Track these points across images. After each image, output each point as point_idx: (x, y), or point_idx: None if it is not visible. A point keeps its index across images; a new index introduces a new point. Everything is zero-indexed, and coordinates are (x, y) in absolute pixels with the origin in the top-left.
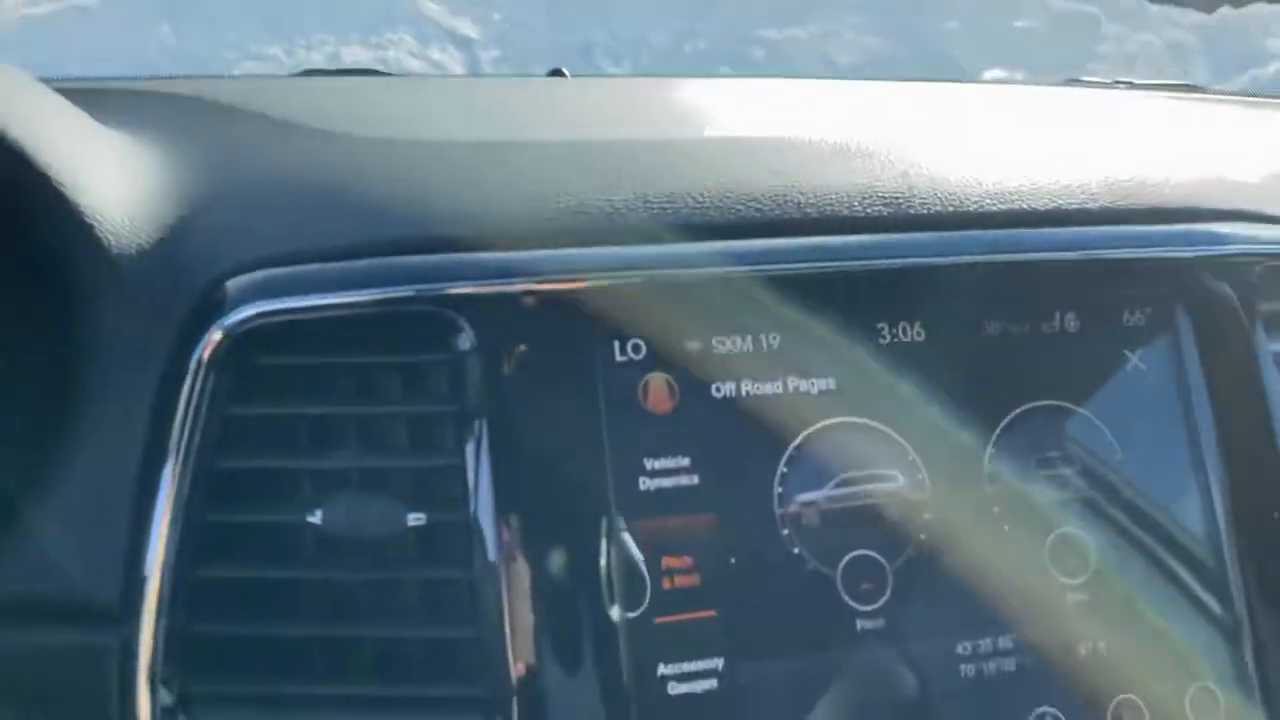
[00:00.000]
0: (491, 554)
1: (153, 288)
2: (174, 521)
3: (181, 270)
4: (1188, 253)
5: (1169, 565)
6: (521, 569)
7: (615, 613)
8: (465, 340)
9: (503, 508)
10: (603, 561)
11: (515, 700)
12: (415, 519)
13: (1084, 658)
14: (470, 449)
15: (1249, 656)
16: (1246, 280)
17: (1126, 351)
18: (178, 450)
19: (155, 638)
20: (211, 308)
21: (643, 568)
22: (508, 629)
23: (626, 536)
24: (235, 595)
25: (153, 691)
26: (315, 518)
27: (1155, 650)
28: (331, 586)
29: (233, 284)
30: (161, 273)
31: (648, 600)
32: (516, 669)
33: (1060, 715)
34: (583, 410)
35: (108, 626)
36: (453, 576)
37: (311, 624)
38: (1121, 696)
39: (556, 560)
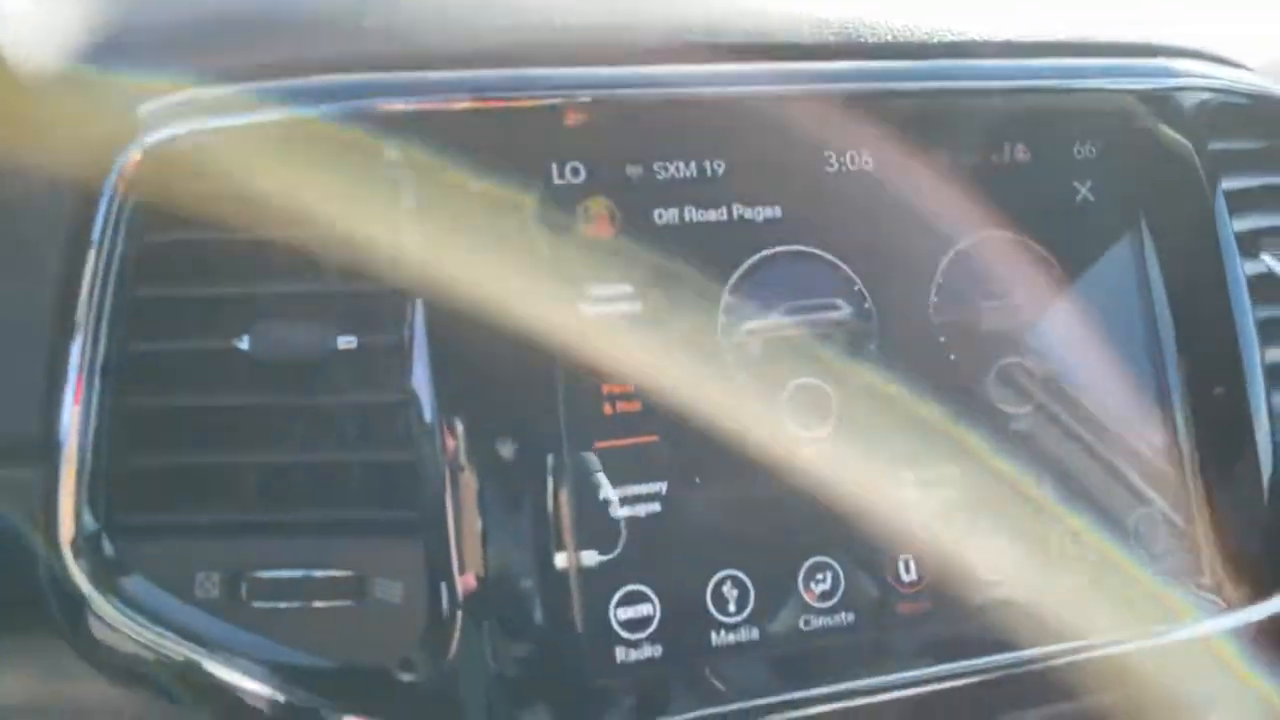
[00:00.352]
0: (425, 376)
1: (69, 111)
2: (92, 351)
3: (98, 93)
4: (1137, 85)
5: (1112, 398)
6: (457, 391)
7: (555, 436)
8: (395, 160)
9: (436, 330)
10: (542, 386)
11: (451, 523)
12: (346, 342)
13: (1027, 485)
14: (401, 271)
15: (1190, 481)
16: (1198, 117)
17: (1076, 184)
18: (94, 277)
19: (79, 469)
20: (129, 130)
21: (584, 391)
22: (442, 452)
23: (566, 360)
24: (162, 424)
25: (77, 522)
26: (243, 343)
27: (1097, 480)
28: (261, 412)
29: (151, 105)
30: (78, 97)
31: (590, 425)
32: (452, 492)
33: (1002, 540)
34: (519, 233)
35: (30, 460)
36: (386, 400)
37: (242, 450)
38: (1065, 521)
39: (493, 385)
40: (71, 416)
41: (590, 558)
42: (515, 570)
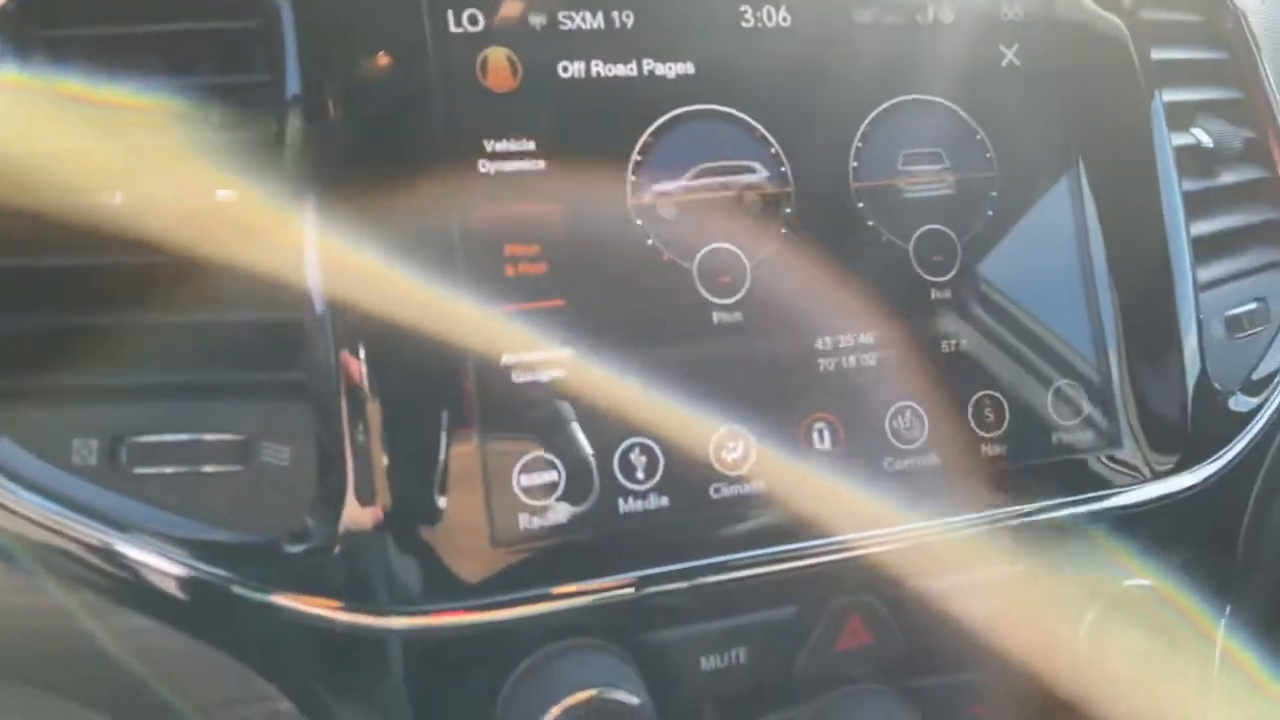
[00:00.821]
0: (315, 230)
1: None
2: None
3: None
4: None
5: (1035, 268)
6: (349, 247)
7: (454, 297)
8: (277, 6)
9: (324, 183)
10: (439, 244)
11: (341, 385)
12: (224, 195)
13: (946, 354)
14: (288, 122)
15: (1111, 354)
16: None
17: (1002, 47)
18: None
19: None
20: None
21: (484, 252)
22: (331, 312)
23: (464, 219)
24: (29, 284)
25: None
26: (115, 198)
27: (1018, 349)
28: (137, 271)
29: None
30: None
31: (491, 287)
32: (342, 354)
33: (919, 409)
34: (413, 84)
35: None
36: (272, 256)
37: (117, 311)
38: (982, 392)
39: (386, 238)
40: None
41: (492, 424)
42: (410, 434)
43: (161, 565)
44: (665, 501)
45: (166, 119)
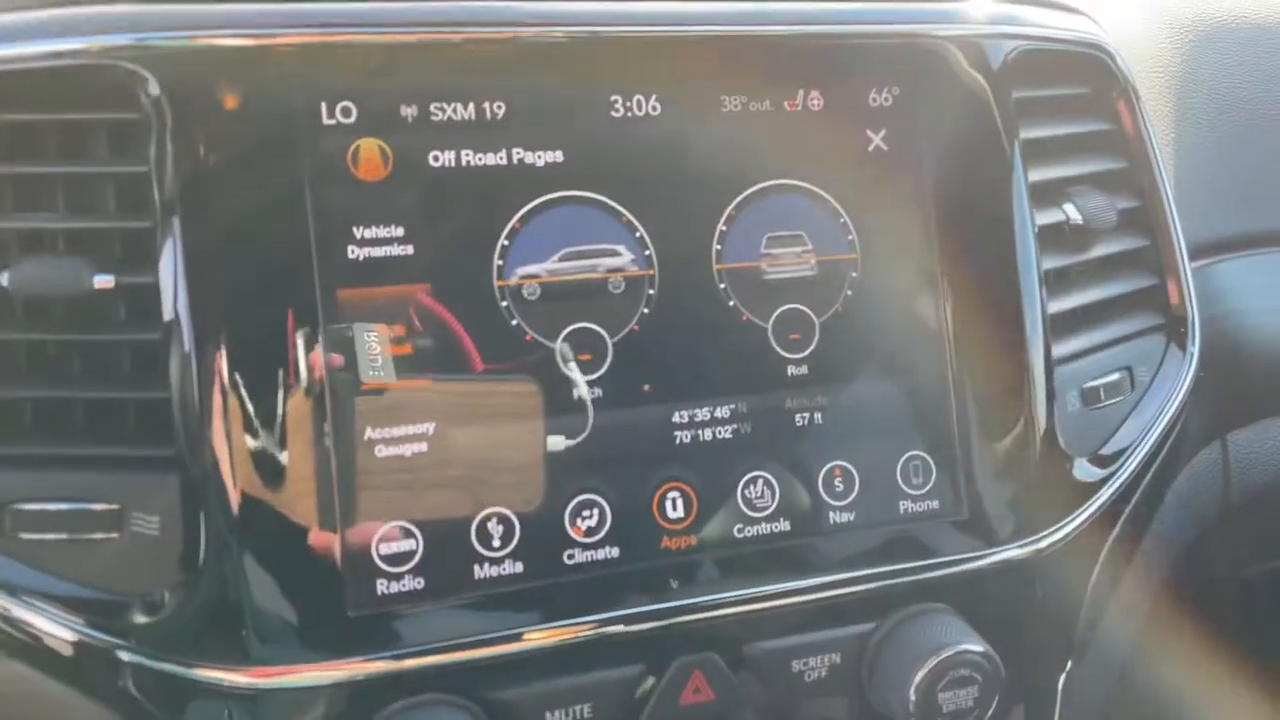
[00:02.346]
0: (184, 316)
1: None
2: None
3: None
4: (936, 30)
5: (891, 344)
6: (214, 331)
7: (319, 378)
8: (154, 96)
9: (196, 270)
10: (305, 327)
11: (210, 459)
12: (103, 280)
13: (799, 427)
14: (161, 210)
15: (955, 429)
16: (998, 65)
17: (869, 132)
18: None
19: None
20: None
21: (349, 335)
22: (198, 391)
23: (330, 303)
24: None
25: None
26: (1, 279)
27: (870, 422)
28: (20, 348)
29: None
30: None
31: (355, 367)
32: (210, 429)
33: (772, 478)
34: (285, 173)
35: None
36: (143, 338)
37: (3, 386)
38: (832, 463)
39: (253, 326)
40: None
41: (353, 496)
42: (274, 506)
43: (38, 623)
44: (519, 568)
45: (51, 204)
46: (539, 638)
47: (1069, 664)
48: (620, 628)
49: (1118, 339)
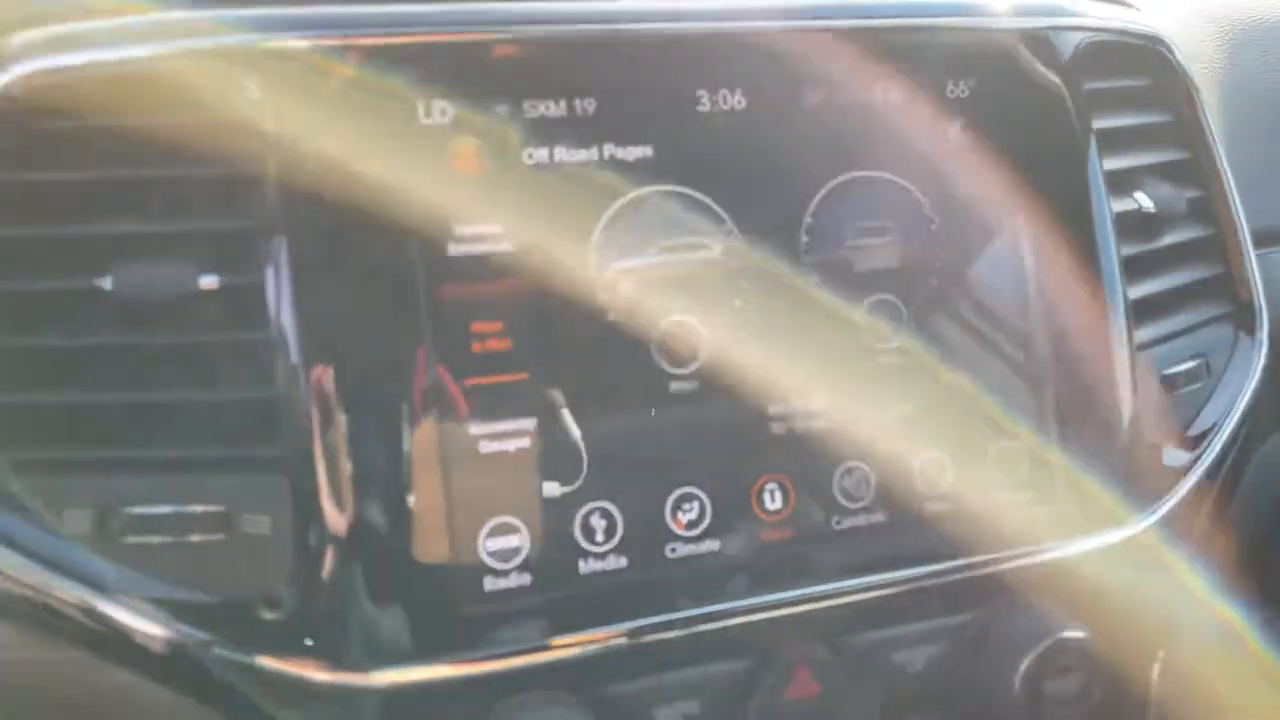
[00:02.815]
0: (290, 315)
1: None
2: None
3: None
4: (1004, 23)
5: (978, 331)
6: (322, 330)
7: (423, 373)
8: (256, 98)
9: (301, 269)
10: (409, 323)
11: (317, 458)
12: (208, 281)
13: (892, 417)
14: (265, 210)
15: (1047, 417)
16: (1069, 56)
17: (948, 123)
18: None
19: None
20: None
21: (451, 329)
22: (306, 389)
23: (432, 298)
24: (25, 363)
25: None
26: (105, 283)
27: (960, 411)
28: (125, 351)
29: (5, 43)
30: None
31: (460, 363)
32: (317, 429)
33: (867, 470)
34: (384, 173)
35: None
36: (250, 338)
37: (106, 389)
38: (928, 452)
39: (359, 322)
40: None
41: (457, 491)
42: (382, 504)
43: (148, 628)
44: (623, 562)
45: (153, 205)
46: (645, 633)
47: (1162, 651)
48: (725, 622)
49: (1191, 327)
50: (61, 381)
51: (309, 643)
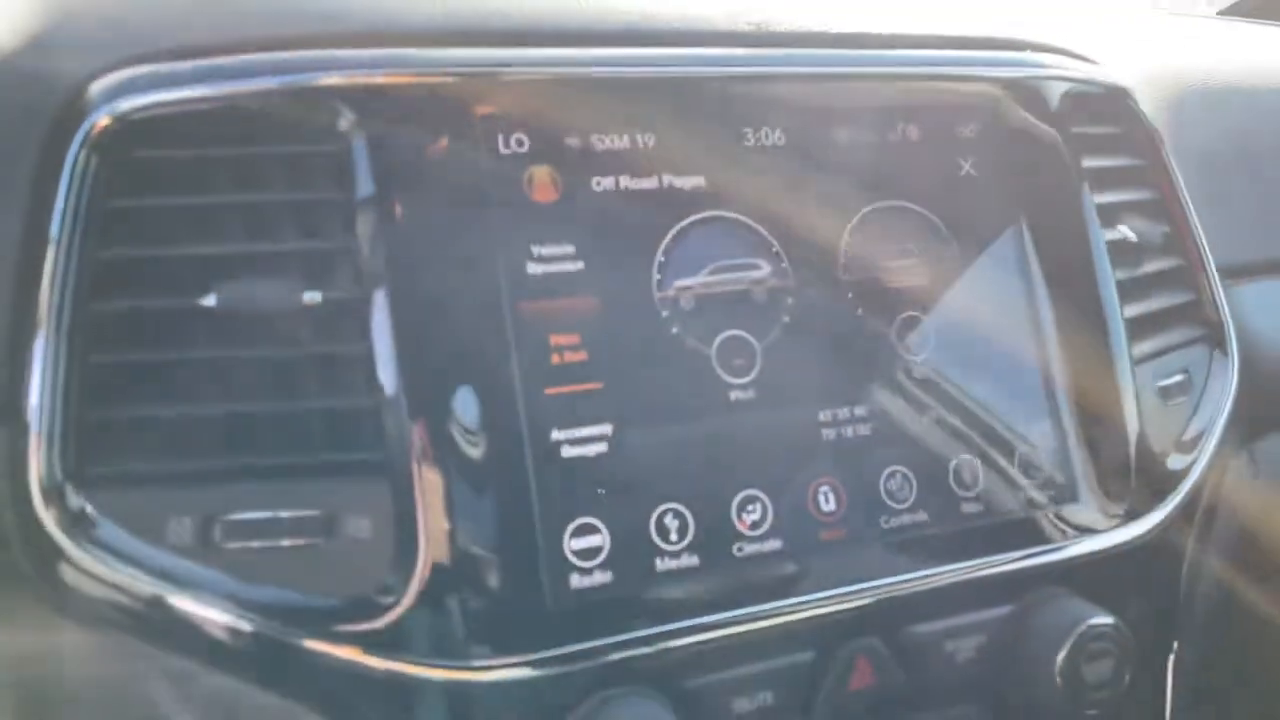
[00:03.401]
0: (385, 328)
1: (25, 86)
2: (58, 311)
3: (56, 67)
4: (1008, 74)
5: (997, 346)
6: (416, 343)
7: (509, 382)
8: (348, 131)
9: (396, 286)
10: (495, 336)
11: (414, 463)
12: (311, 297)
13: (926, 423)
14: (361, 232)
15: (1066, 425)
16: (1061, 104)
17: (960, 160)
18: (58, 242)
19: (48, 422)
20: (89, 102)
21: (533, 342)
22: (403, 398)
23: (516, 314)
24: (131, 378)
25: (47, 474)
26: (209, 301)
27: (985, 418)
28: (229, 365)
29: (110, 78)
30: (34, 70)
31: (540, 373)
32: (417, 435)
33: (909, 472)
34: (469, 198)
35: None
36: (349, 351)
37: (210, 402)
38: (960, 456)
39: (450, 337)
40: (37, 375)
41: (545, 494)
42: (475, 505)
43: (253, 630)
44: (696, 560)
45: (255, 228)
46: (719, 627)
47: (1175, 644)
48: (792, 616)
49: (1174, 346)
50: (162, 395)
51: (412, 641)
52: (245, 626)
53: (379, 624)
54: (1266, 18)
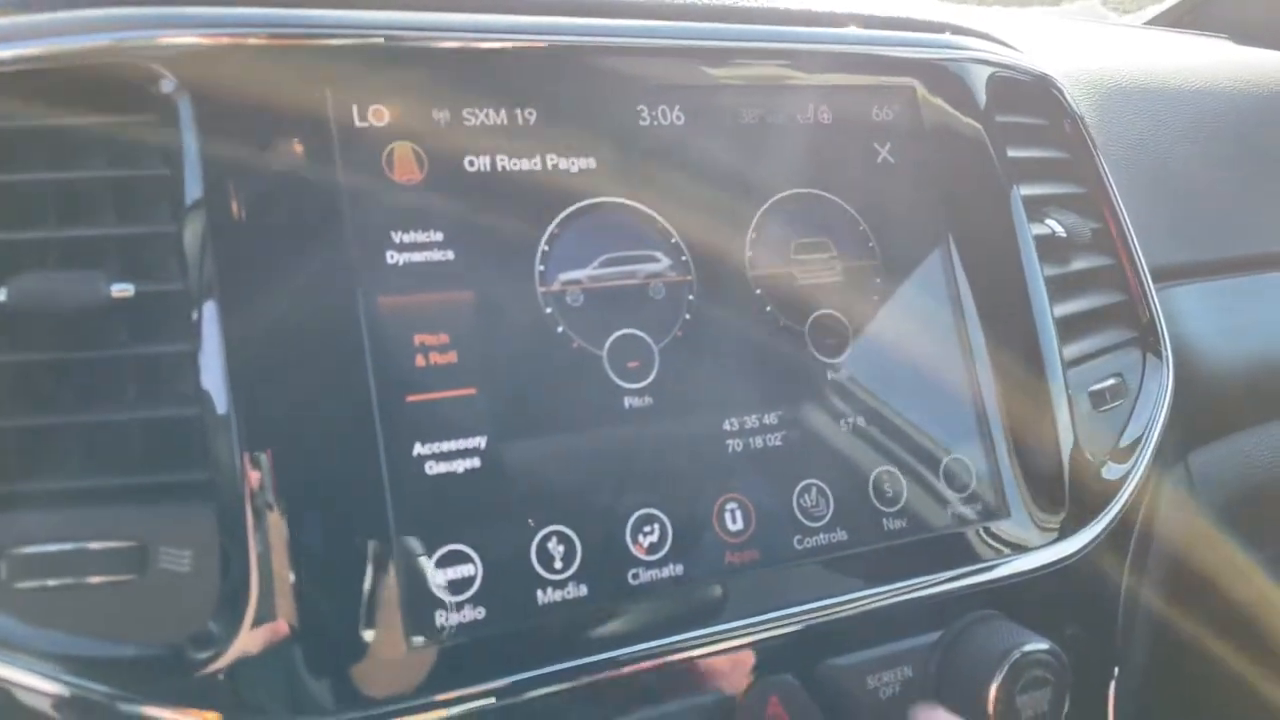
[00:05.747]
0: (214, 325)
1: None
2: None
3: None
4: (928, 55)
5: (919, 347)
6: (250, 341)
7: (363, 387)
8: (170, 96)
9: (227, 276)
10: (347, 334)
11: (246, 485)
12: (121, 289)
13: (845, 433)
14: (186, 215)
15: (994, 433)
16: (981, 89)
17: (876, 145)
18: None
19: None
20: None
21: (393, 342)
22: (234, 409)
23: (372, 310)
24: None
25: None
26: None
27: (909, 426)
28: (22, 371)
29: None
30: None
31: (401, 378)
32: (247, 451)
33: (825, 487)
34: (317, 176)
35: None
36: (169, 351)
37: (6, 414)
38: (880, 468)
39: (292, 333)
40: None
41: (404, 518)
42: (318, 534)
43: (43, 686)
44: (584, 590)
45: (56, 210)
46: (608, 667)
47: (1116, 670)
48: (694, 652)
49: (1106, 348)
50: None
51: (236, 694)
52: (40, 684)
53: (201, 675)
54: (1192, 27)
